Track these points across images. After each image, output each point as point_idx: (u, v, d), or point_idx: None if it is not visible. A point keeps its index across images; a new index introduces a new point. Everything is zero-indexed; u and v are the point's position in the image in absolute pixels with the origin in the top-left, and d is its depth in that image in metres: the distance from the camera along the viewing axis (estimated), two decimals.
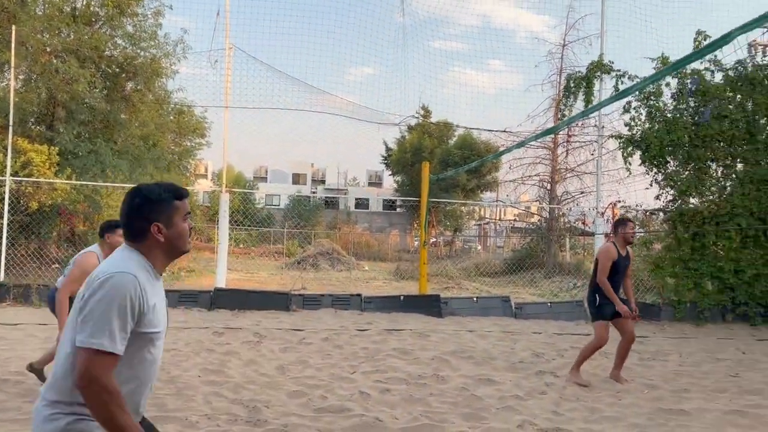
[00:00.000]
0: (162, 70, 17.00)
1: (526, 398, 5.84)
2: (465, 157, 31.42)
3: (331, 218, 44.81)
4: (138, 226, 2.16)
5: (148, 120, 17.63)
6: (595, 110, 11.56)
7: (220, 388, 5.78)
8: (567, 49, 20.37)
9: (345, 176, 64.30)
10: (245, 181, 52.71)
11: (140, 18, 16.71)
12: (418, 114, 32.13)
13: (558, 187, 21.04)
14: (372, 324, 9.97)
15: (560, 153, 20.98)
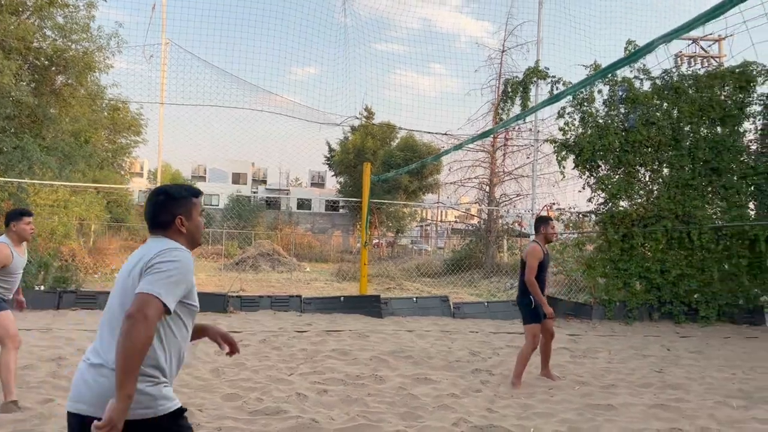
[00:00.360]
0: (95, 64, 16.42)
1: (461, 396, 5.93)
2: (407, 159, 31.68)
3: (272, 219, 44.29)
4: (164, 219, 2.52)
5: (80, 115, 17.01)
6: (529, 114, 11.88)
7: None
8: (506, 55, 20.84)
9: (287, 176, 63.72)
10: (183, 179, 51.47)
11: (72, 9, 16.09)
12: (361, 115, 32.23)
13: (496, 189, 21.50)
14: (311, 325, 9.91)
15: (498, 156, 21.45)
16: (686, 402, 5.97)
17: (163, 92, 11.61)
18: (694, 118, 12.49)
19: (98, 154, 19.25)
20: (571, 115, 12.51)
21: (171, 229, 2.52)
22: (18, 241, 5.29)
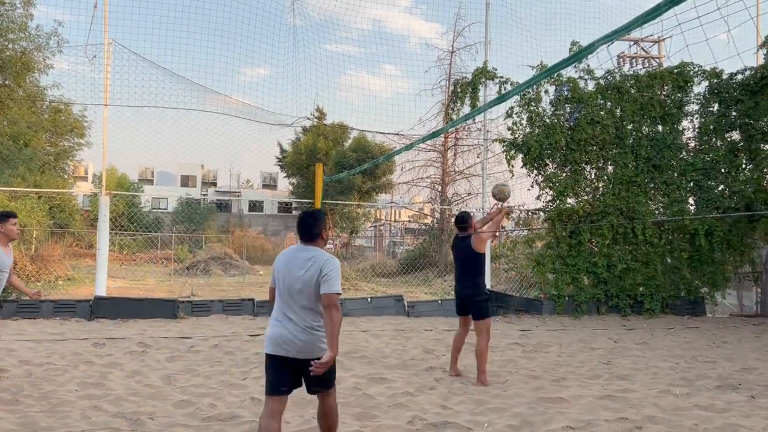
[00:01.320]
0: (34, 65, 15.86)
1: (416, 394, 5.97)
2: (360, 160, 31.63)
3: (223, 222, 43.55)
4: (316, 232, 3.92)
5: (18, 118, 16.37)
6: (478, 113, 12.04)
7: (99, 401, 5.46)
8: (455, 56, 21.11)
9: (238, 178, 62.78)
10: (130, 183, 50.09)
11: (7, 7, 15.47)
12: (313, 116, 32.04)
13: (448, 188, 21.74)
14: (265, 328, 9.78)
15: (450, 156, 21.69)
16: (633, 392, 6.17)
17: (107, 93, 11.27)
18: (636, 116, 12.92)
19: (39, 157, 18.55)
20: (519, 114, 12.75)
21: (318, 240, 3.92)
22: (5, 242, 5.65)
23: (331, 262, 3.76)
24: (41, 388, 5.84)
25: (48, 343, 8.13)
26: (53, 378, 6.30)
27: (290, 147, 44.18)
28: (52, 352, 7.50)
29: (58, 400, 5.47)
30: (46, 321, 9.87)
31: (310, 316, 3.79)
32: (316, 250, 3.85)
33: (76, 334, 8.91)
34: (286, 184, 50.94)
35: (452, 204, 21.26)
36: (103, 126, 11.44)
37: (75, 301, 10.60)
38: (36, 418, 4.91)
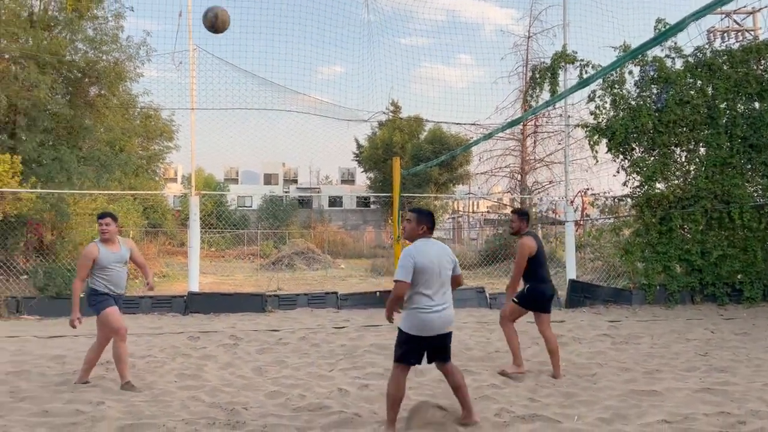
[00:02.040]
0: (125, 74, 16.72)
1: (502, 387, 5.91)
2: (436, 152, 31.55)
3: (304, 217, 44.60)
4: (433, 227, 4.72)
5: (113, 125, 17.37)
6: (558, 100, 11.72)
7: (197, 392, 5.74)
8: (532, 41, 20.61)
9: (317, 175, 64.05)
10: (216, 183, 52.21)
11: (100, 21, 16.39)
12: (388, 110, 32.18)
13: (528, 177, 21.28)
14: (349, 321, 9.98)
15: (529, 144, 21.22)
16: (734, 385, 5.84)
17: (193, 98, 11.78)
18: (730, 94, 12.15)
19: (133, 161, 19.62)
20: (602, 98, 12.30)
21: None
22: (104, 240, 6.01)
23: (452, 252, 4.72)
24: (143, 379, 6.21)
25: (148, 336, 8.62)
26: (154, 369, 6.68)
27: (366, 142, 44.63)
28: (152, 346, 7.96)
29: (160, 390, 5.80)
30: (145, 316, 10.48)
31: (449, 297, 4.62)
32: (440, 242, 4.71)
33: (172, 328, 9.41)
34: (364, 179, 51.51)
35: (533, 193, 20.82)
36: (191, 129, 11.97)
37: (170, 297, 11.19)
38: (141, 407, 5.23)
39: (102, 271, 5.95)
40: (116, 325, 5.92)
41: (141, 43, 16.67)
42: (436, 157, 27.51)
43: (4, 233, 13.26)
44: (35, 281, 11.89)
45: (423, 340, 4.53)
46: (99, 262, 5.93)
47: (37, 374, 6.42)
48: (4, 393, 5.67)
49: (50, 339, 8.47)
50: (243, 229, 32.82)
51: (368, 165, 44.25)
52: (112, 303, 5.97)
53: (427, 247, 4.52)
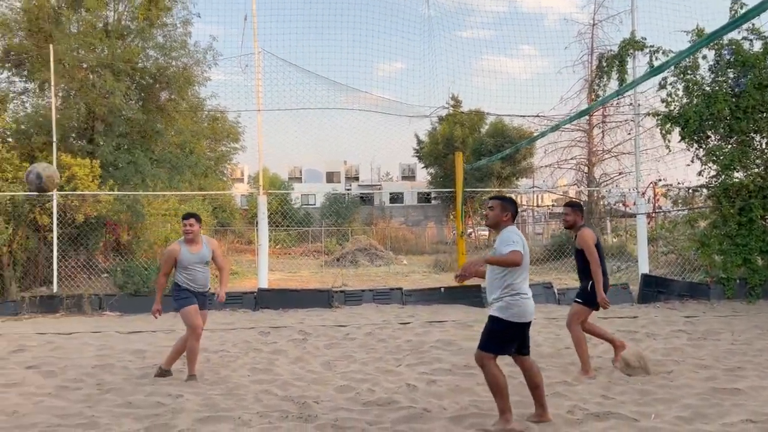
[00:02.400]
0: (194, 78, 17.31)
1: (574, 383, 5.79)
2: (498, 145, 31.12)
3: (366, 214, 44.95)
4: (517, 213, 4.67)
5: (183, 128, 18.00)
6: (629, 89, 11.32)
7: (269, 386, 5.89)
8: (597, 28, 19.99)
9: (378, 171, 64.37)
10: (281, 182, 53.28)
11: (169, 28, 17.04)
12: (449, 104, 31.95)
13: (596, 169, 20.69)
14: (414, 317, 10.00)
15: (596, 134, 20.61)
16: None
17: (259, 99, 12.07)
18: None
19: (202, 163, 20.29)
20: (673, 85, 11.81)
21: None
22: (187, 241, 6.22)
23: None
24: (218, 373, 6.43)
25: (221, 332, 8.91)
26: (227, 364, 6.90)
27: (427, 137, 44.48)
28: (225, 341, 8.22)
29: (234, 384, 5.99)
30: (217, 312, 10.81)
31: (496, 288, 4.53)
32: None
33: (243, 323, 9.69)
34: (424, 175, 51.40)
35: (601, 185, 20.23)
36: (257, 130, 12.27)
37: (241, 293, 11.52)
38: (216, 400, 5.41)
39: (184, 270, 6.21)
40: (193, 323, 6.17)
41: (207, 48, 17.26)
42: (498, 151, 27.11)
43: (86, 234, 13.98)
44: (115, 279, 12.49)
45: (521, 327, 4.50)
46: (180, 261, 6.19)
47: (120, 368, 6.75)
48: (91, 385, 5.99)
49: (131, 334, 8.88)
50: (307, 226, 33.39)
51: (429, 161, 44.12)
52: (192, 301, 6.21)
53: (520, 233, 4.54)
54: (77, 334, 8.89)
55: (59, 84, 14.87)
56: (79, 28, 15.88)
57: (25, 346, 8.00)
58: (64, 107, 15.04)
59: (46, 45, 13.90)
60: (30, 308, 10.75)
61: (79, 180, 13.59)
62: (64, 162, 13.44)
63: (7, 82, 16.46)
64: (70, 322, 10.04)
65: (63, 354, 7.53)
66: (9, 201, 13.15)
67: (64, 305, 10.85)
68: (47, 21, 15.12)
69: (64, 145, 14.76)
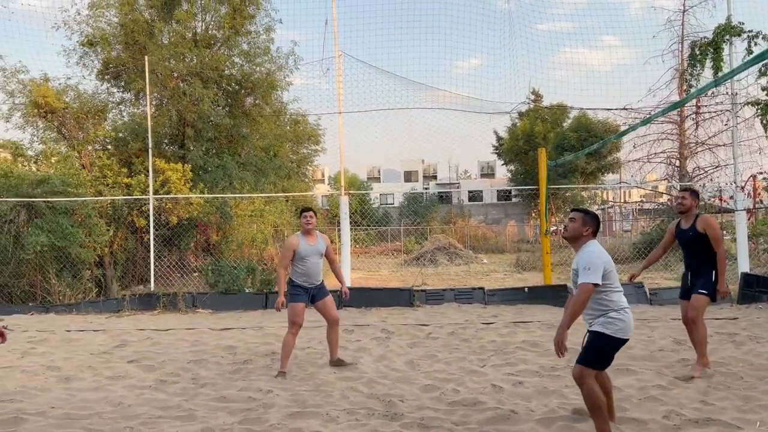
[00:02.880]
0: (277, 83, 17.81)
1: (669, 388, 5.53)
2: (581, 140, 30.14)
3: (445, 213, 44.73)
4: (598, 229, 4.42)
5: (267, 132, 18.56)
6: (728, 78, 10.68)
7: (354, 383, 5.98)
8: (688, 15, 18.95)
9: (456, 169, 63.97)
10: (360, 182, 54.00)
11: (253, 35, 17.62)
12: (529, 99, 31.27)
13: (688, 162, 19.63)
14: (497, 317, 9.86)
15: (688, 126, 19.56)
16: None
17: (340, 102, 12.28)
18: None
19: (285, 165, 20.88)
20: None
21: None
22: (305, 233, 6.56)
23: None
24: (306, 370, 6.59)
25: (307, 329, 9.11)
26: (314, 361, 7.06)
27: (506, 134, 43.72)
28: (311, 338, 8.42)
29: (321, 380, 6.12)
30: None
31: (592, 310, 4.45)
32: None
33: None
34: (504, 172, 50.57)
35: (693, 179, 19.19)
36: (338, 132, 12.48)
37: None
38: (305, 396, 5.56)
39: (301, 261, 6.49)
40: (294, 319, 6.46)
41: (289, 53, 17.71)
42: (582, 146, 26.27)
43: (178, 235, 14.70)
44: (207, 278, 13.05)
45: (623, 342, 4.31)
46: (299, 252, 6.47)
47: (213, 363, 7.05)
48: (187, 379, 6.30)
49: (222, 331, 9.26)
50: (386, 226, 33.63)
51: (509, 157, 43.32)
52: (302, 299, 6.50)
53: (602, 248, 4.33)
54: (173, 330, 9.36)
55: (153, 93, 15.71)
56: (170, 39, 16.70)
57: (127, 342, 8.51)
58: (157, 115, 15.87)
59: (141, 57, 14.71)
60: (130, 305, 11.42)
61: (172, 184, 14.30)
62: (158, 167, 14.19)
63: (106, 93, 17.54)
64: (166, 319, 10.59)
65: (161, 349, 7.95)
66: (110, 205, 14.03)
67: (160, 303, 11.46)
68: (141, 34, 16.00)
69: (157, 150, 15.58)
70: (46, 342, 8.59)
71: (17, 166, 14.32)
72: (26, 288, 12.33)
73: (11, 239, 12.19)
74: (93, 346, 8.22)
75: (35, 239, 11.74)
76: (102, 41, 16.47)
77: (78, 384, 6.20)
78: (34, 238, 11.77)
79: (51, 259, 12.32)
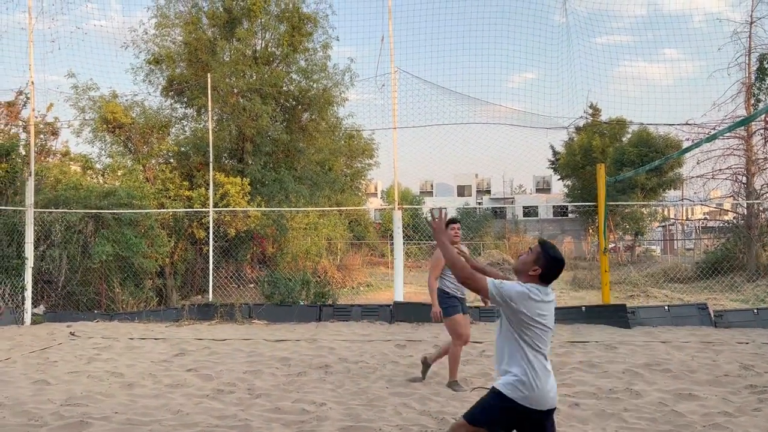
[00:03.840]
0: (333, 99, 18.12)
1: (736, 415, 5.28)
2: (642, 155, 29.36)
3: (499, 228, 44.23)
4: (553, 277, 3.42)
5: (322, 146, 18.88)
6: None
7: (407, 399, 5.96)
8: (755, 26, 18.26)
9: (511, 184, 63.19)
10: (412, 196, 54.04)
11: (311, 53, 18.01)
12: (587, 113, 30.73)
13: (756, 179, 18.82)
14: (554, 336, 9.64)
15: (756, 142, 18.78)
16: None
17: (395, 117, 12.37)
18: None
19: (339, 179, 21.18)
20: None
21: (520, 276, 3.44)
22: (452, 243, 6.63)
23: None
24: (358, 384, 6.61)
25: (360, 343, 9.18)
26: (367, 375, 7.08)
27: (563, 148, 43.03)
28: (363, 352, 8.44)
29: (373, 395, 6.13)
30: (355, 323, 11.16)
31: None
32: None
33: (380, 335, 9.90)
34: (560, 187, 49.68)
35: (762, 197, 18.37)
36: (393, 147, 12.56)
37: (378, 306, 11.79)
38: (358, 410, 5.57)
39: (449, 274, 6.51)
40: (461, 331, 6.47)
41: (345, 69, 18.01)
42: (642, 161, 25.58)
43: (236, 247, 15.07)
44: (263, 289, 13.30)
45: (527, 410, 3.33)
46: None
47: (268, 374, 7.16)
48: (243, 389, 6.42)
49: (277, 342, 9.41)
50: None
51: (565, 172, 42.61)
52: (458, 310, 6.52)
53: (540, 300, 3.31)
54: (230, 341, 9.57)
55: (214, 109, 16.23)
56: (231, 57, 17.25)
57: (186, 350, 8.75)
58: (218, 130, 16.37)
59: (204, 74, 15.23)
60: (189, 315, 11.74)
61: (231, 197, 14.69)
62: (218, 181, 14.60)
63: (170, 109, 18.24)
64: (223, 329, 10.83)
65: (218, 359, 8.13)
66: (171, 217, 14.52)
67: (218, 313, 11.73)
68: (204, 52, 16.59)
69: (217, 164, 16.05)
70: (110, 348, 8.92)
71: (86, 179, 15.02)
72: (92, 296, 12.86)
73: (79, 249, 12.76)
74: (154, 354, 8.49)
75: (101, 249, 12.24)
76: (167, 59, 17.15)
77: (140, 390, 6.41)
78: (100, 248, 12.28)
79: (115, 269, 12.82)
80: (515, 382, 3.24)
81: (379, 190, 55.96)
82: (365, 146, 26.43)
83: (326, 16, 17.95)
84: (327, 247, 19.82)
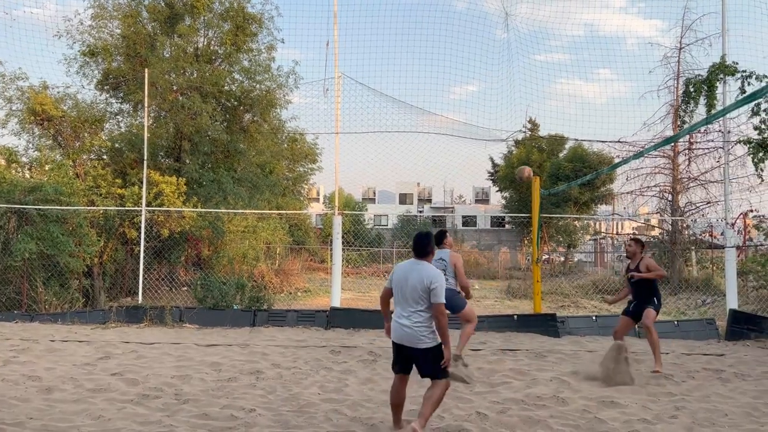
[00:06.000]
0: (276, 101, 17.92)
1: (654, 422, 5.51)
2: (576, 170, 30.39)
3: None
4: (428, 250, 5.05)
5: (264, 148, 18.63)
6: (720, 116, 10.81)
7: (339, 405, 5.93)
8: (684, 52, 19.27)
9: (451, 194, 64.11)
10: (355, 202, 54.04)
11: (255, 53, 17.77)
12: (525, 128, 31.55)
13: (680, 197, 19.79)
14: (486, 344, 9.82)
15: (681, 162, 19.76)
16: None
17: (338, 122, 12.34)
18: None
19: (281, 182, 20.95)
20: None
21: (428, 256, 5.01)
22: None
23: (440, 278, 4.84)
24: (290, 390, 6.53)
25: (294, 348, 9.07)
26: (299, 381, 7.00)
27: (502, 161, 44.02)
28: (297, 357, 8.35)
29: (305, 401, 6.06)
30: (291, 329, 11.02)
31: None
32: (427, 267, 4.92)
33: (315, 341, 9.81)
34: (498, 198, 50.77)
35: (685, 214, 19.33)
36: (335, 152, 12.52)
37: (314, 311, 11.69)
38: (287, 416, 5.49)
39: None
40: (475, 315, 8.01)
41: (290, 72, 17.86)
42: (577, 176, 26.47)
43: (169, 248, 14.64)
44: (195, 293, 12.97)
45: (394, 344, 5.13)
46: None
47: (197, 379, 6.97)
48: (170, 395, 6.22)
49: (208, 347, 9.17)
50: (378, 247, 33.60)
51: (503, 184, 43.59)
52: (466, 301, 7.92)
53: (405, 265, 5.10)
54: (158, 344, 9.26)
55: (151, 105, 15.77)
56: (171, 53, 16.82)
57: (111, 354, 8.42)
58: (155, 127, 15.91)
59: (142, 69, 14.78)
60: (116, 317, 11.30)
61: (165, 196, 14.28)
62: (152, 179, 14.17)
63: (104, 103, 17.61)
64: (152, 332, 10.48)
65: (145, 363, 7.86)
66: (102, 215, 13.98)
67: (147, 316, 11.35)
68: (143, 46, 16.11)
69: (153, 162, 15.59)
70: (28, 351, 8.49)
71: (10, 173, 14.28)
72: (12, 295, 12.23)
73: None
74: (76, 357, 8.13)
75: (24, 246, 11.66)
76: (103, 52, 16.56)
77: (58, 395, 6.12)
78: (22, 245, 11.69)
79: (39, 267, 12.23)
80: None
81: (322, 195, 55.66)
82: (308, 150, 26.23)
83: (272, 17, 17.76)
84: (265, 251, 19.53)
